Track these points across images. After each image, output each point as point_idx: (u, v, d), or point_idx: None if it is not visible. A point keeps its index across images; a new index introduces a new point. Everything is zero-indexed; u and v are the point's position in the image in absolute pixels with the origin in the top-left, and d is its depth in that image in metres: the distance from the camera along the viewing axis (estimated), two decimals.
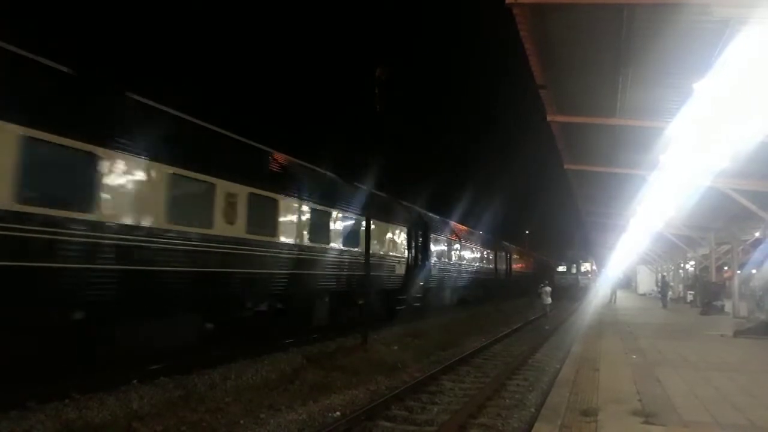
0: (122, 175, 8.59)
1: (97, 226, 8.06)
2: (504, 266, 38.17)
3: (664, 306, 29.39)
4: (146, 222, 8.92)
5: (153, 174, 9.12)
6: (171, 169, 9.46)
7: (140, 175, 8.88)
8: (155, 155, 9.13)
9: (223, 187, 10.64)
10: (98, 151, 8.15)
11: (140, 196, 8.84)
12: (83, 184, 8.01)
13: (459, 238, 27.04)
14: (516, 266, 44.32)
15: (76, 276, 7.79)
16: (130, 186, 8.69)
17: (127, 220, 8.58)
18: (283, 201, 12.50)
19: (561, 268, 57.71)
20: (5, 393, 6.87)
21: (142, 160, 8.91)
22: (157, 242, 9.06)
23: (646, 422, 6.24)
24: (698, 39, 7.82)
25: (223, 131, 11.88)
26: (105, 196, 8.23)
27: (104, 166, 8.24)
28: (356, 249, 15.58)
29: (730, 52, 7.07)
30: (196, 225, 9.99)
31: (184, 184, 9.81)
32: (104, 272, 8.18)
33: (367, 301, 14.30)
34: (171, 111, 10.55)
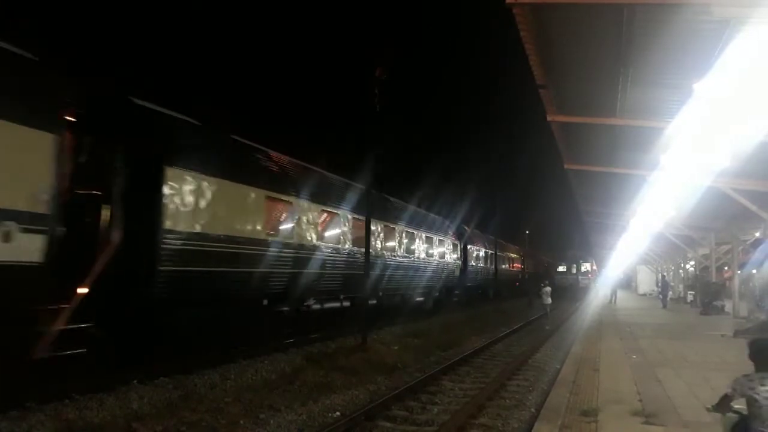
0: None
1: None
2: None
3: (664, 306, 29.35)
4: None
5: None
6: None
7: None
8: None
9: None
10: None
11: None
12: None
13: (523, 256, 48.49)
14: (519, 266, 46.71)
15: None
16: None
17: None
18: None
19: (561, 268, 57.72)
20: (5, 393, 6.86)
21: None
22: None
23: (647, 422, 6.24)
24: (698, 39, 7.80)
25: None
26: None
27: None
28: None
29: (730, 51, 7.05)
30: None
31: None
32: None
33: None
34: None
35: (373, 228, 16.14)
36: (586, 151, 15.55)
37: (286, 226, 12.64)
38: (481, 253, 33.05)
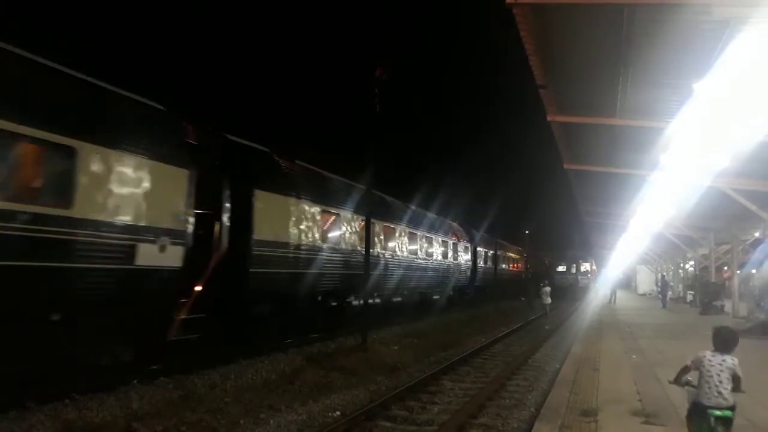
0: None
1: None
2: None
3: (664, 306, 29.37)
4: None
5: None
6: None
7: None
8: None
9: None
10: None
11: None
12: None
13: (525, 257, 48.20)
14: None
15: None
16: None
17: None
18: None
19: (561, 268, 57.65)
20: (5, 393, 6.87)
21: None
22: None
23: (646, 422, 6.24)
24: (698, 39, 7.81)
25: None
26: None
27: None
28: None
29: (730, 51, 7.06)
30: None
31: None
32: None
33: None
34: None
35: (398, 233, 19.42)
36: (586, 151, 15.57)
37: (336, 234, 14.96)
38: (489, 254, 34.97)
